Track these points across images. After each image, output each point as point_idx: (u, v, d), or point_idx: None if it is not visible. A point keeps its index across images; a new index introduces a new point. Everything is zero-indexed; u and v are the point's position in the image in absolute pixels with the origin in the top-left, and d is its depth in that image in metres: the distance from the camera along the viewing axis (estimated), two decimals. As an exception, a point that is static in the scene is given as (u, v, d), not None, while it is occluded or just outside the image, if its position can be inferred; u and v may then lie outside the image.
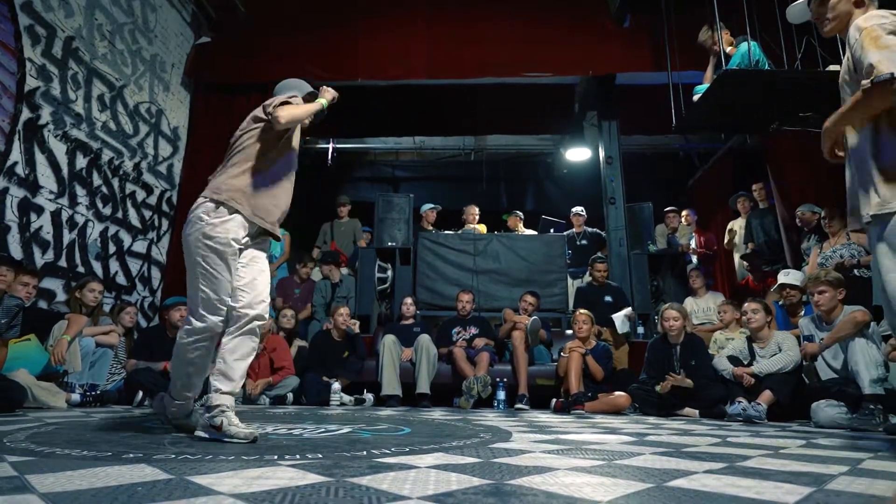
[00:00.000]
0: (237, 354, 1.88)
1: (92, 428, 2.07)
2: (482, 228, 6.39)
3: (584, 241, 6.27)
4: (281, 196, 2.06)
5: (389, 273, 5.51)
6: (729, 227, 6.13)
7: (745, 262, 5.68)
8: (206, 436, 1.77)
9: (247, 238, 1.97)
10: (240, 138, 2.08)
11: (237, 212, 1.91)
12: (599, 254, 5.69)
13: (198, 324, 1.86)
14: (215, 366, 1.88)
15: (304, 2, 6.01)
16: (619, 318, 4.69)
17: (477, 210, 6.53)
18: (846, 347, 2.98)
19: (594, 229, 6.35)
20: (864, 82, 1.65)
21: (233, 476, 1.12)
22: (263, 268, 2.03)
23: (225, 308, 1.88)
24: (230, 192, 1.93)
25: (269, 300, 2.02)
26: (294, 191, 2.14)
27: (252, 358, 1.96)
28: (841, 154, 1.85)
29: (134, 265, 5.00)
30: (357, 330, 4.52)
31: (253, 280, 1.96)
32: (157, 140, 5.39)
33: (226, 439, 1.72)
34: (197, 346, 1.87)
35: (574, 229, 6.38)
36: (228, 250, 1.87)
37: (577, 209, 6.39)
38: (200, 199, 1.95)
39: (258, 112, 2.07)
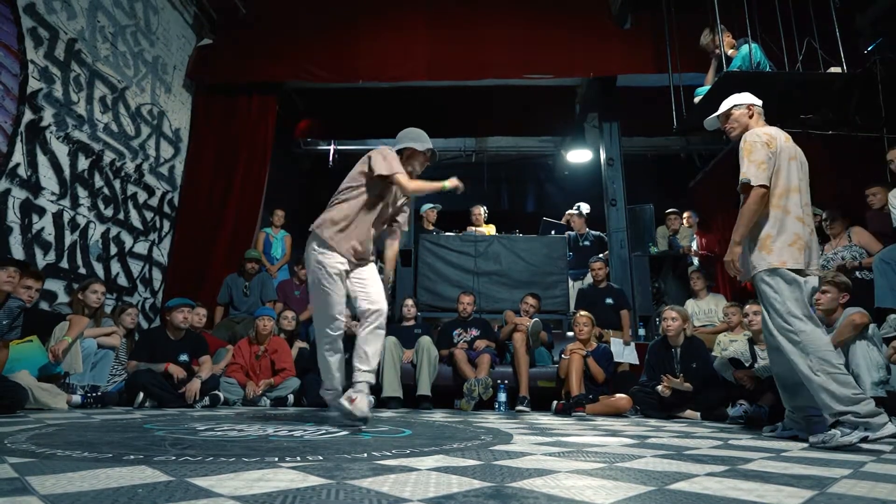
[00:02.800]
0: (370, 346, 2.47)
1: (93, 429, 2.07)
2: (490, 229, 6.35)
3: (586, 243, 6.24)
4: (365, 239, 2.60)
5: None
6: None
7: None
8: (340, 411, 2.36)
9: (347, 266, 2.52)
10: (345, 188, 2.59)
11: (336, 250, 2.48)
12: (599, 255, 5.68)
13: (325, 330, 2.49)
14: (356, 354, 2.45)
15: (306, 3, 6.03)
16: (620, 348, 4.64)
17: (482, 209, 6.39)
18: (847, 350, 2.97)
19: (598, 231, 6.34)
20: (741, 179, 2.27)
21: (233, 478, 1.12)
22: (373, 277, 2.63)
23: (340, 318, 2.49)
24: (331, 236, 2.48)
25: (384, 298, 2.59)
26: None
27: (380, 345, 2.54)
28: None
29: (135, 266, 5.01)
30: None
31: (366, 287, 2.57)
32: (159, 141, 5.40)
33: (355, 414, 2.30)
34: (327, 348, 2.52)
35: (577, 230, 6.34)
36: (334, 274, 2.46)
37: (576, 210, 6.36)
38: (313, 230, 2.53)
39: (363, 167, 2.55)
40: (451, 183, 2.61)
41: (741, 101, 2.52)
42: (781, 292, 2.18)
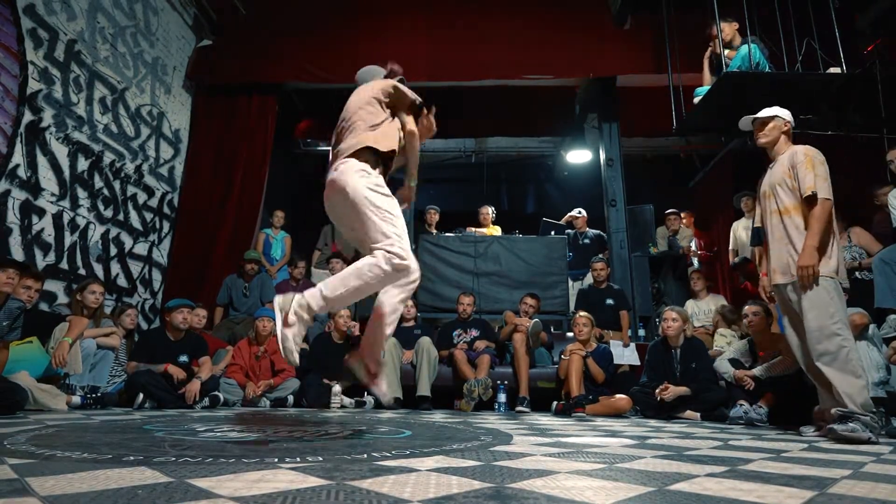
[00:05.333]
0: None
1: (92, 430, 2.06)
2: (497, 230, 6.35)
3: (586, 241, 6.24)
4: None
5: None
6: (733, 228, 6.03)
7: (737, 271, 5.62)
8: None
9: None
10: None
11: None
12: (599, 255, 5.68)
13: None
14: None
15: (306, 4, 6.03)
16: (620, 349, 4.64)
17: (490, 210, 6.42)
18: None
19: (597, 231, 6.34)
20: (806, 189, 2.44)
21: (233, 479, 1.12)
22: None
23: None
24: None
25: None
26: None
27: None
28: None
29: (135, 267, 5.01)
30: (357, 332, 4.51)
31: None
32: (159, 142, 5.40)
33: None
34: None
35: (577, 228, 6.34)
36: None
37: (577, 211, 6.39)
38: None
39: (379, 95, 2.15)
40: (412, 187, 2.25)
41: (783, 115, 2.68)
42: (836, 301, 2.34)
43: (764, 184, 2.69)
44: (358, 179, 1.96)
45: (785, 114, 2.69)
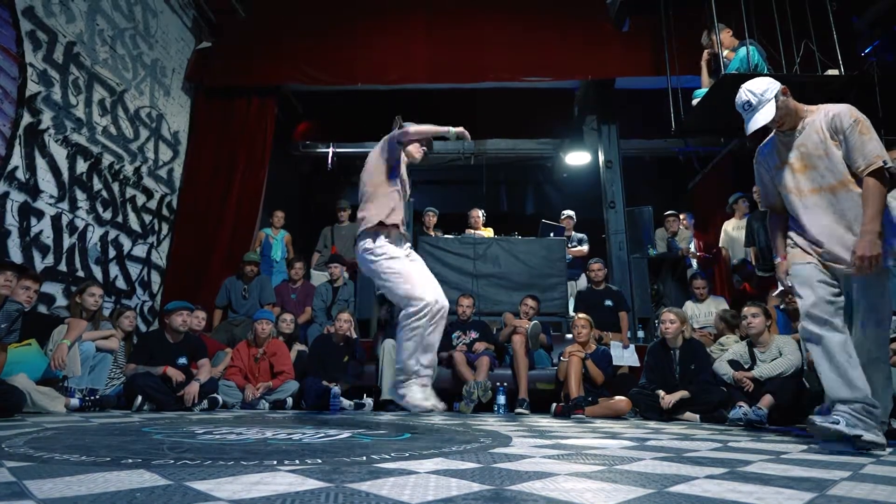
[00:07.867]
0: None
1: (91, 433, 2.06)
2: (489, 232, 6.37)
3: (574, 244, 6.28)
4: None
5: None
6: (723, 229, 6.04)
7: (735, 274, 5.63)
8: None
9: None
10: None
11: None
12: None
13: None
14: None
15: (305, 6, 6.04)
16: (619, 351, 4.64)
17: (480, 213, 6.43)
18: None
19: (581, 235, 6.36)
20: (870, 165, 1.98)
21: (232, 481, 1.12)
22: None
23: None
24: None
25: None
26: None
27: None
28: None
29: (134, 269, 5.01)
30: (356, 334, 4.51)
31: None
32: (158, 144, 5.40)
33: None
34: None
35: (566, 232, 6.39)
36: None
37: (569, 213, 6.42)
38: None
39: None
40: (458, 129, 2.62)
41: (771, 87, 2.17)
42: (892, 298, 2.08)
43: (789, 157, 2.18)
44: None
45: (770, 85, 2.18)
